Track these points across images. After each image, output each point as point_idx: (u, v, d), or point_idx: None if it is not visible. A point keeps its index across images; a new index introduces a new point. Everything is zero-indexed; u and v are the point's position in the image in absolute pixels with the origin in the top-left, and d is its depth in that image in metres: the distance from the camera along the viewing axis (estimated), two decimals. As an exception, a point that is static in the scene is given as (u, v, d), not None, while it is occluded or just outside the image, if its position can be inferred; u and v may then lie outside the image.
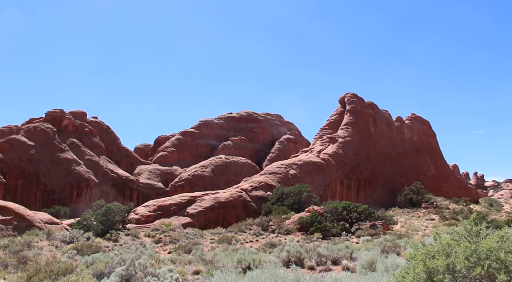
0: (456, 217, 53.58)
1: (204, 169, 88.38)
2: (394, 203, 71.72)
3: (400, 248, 16.87)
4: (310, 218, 34.82)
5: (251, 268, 13.64)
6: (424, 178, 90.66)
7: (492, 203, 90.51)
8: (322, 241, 28.26)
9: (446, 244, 5.89)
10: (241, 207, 49.41)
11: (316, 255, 15.37)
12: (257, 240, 29.80)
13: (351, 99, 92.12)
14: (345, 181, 73.34)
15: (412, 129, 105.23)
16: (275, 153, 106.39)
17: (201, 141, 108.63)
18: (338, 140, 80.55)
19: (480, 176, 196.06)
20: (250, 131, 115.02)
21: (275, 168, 62.94)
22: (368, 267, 10.89)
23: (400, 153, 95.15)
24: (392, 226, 43.15)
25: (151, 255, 17.66)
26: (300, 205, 46.80)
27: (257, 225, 36.02)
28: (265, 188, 54.71)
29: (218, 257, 16.96)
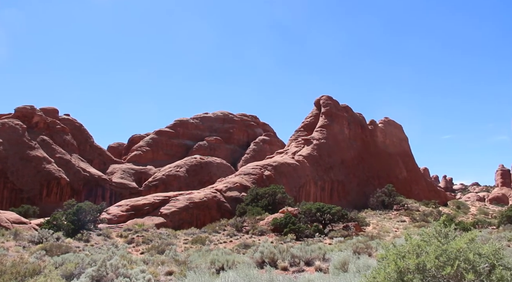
0: (426, 219, 54.88)
1: (179, 169, 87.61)
2: (367, 205, 72.87)
3: (371, 249, 17.13)
4: (284, 219, 34.96)
5: (225, 269, 13.60)
6: (396, 181, 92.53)
7: (459, 206, 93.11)
8: (296, 242, 28.42)
9: (417, 245, 6.02)
10: (216, 207, 49.22)
11: (289, 256, 15.43)
12: (231, 241, 29.73)
13: (326, 102, 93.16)
14: (319, 183, 74.05)
15: (385, 132, 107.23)
16: (250, 154, 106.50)
17: (176, 141, 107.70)
18: (313, 142, 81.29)
19: (449, 179, 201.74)
20: (225, 132, 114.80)
21: (250, 169, 62.97)
22: (340, 268, 11.01)
23: (373, 155, 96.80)
24: (364, 228, 43.81)
25: (123, 256, 17.35)
26: (274, 206, 46.96)
27: (231, 225, 35.94)
28: (240, 188, 54.67)
29: (191, 258, 16.82)
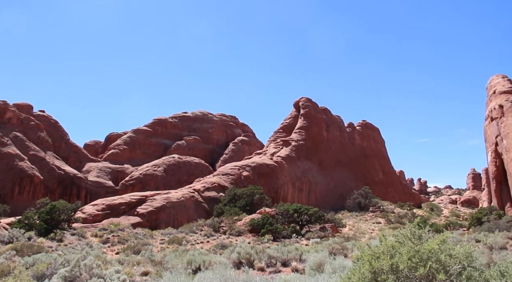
0: (400, 220, 55.91)
1: (157, 168, 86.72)
2: (344, 206, 73.67)
3: (347, 250, 17.35)
4: (262, 219, 35.02)
5: (201, 269, 13.54)
6: (373, 183, 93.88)
7: (433, 208, 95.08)
8: (273, 242, 28.52)
9: (391, 246, 6.14)
10: (193, 207, 48.92)
11: (266, 257, 15.48)
12: (208, 241, 29.61)
13: (305, 104, 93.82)
14: (297, 184, 74.49)
15: (362, 135, 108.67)
16: (229, 154, 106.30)
17: (154, 140, 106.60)
18: (291, 143, 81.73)
19: (423, 182, 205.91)
20: (204, 132, 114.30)
21: (229, 169, 62.88)
22: (316, 269, 11.11)
23: (350, 157, 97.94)
24: (340, 229, 44.29)
25: (97, 256, 17.07)
26: (252, 207, 47.01)
27: (209, 226, 35.78)
28: (218, 189, 54.51)
29: (167, 258, 16.67)
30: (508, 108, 67.51)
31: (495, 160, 68.99)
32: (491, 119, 71.85)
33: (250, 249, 16.31)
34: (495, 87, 76.63)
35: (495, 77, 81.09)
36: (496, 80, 78.83)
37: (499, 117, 68.33)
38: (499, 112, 68.78)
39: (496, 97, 73.26)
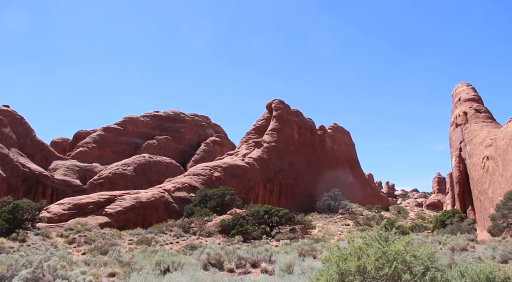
0: (369, 222, 56.99)
1: (126, 167, 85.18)
2: (314, 208, 74.50)
3: (316, 251, 17.56)
4: (232, 220, 34.99)
5: (170, 270, 13.42)
6: (342, 185, 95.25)
7: (400, 211, 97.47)
8: (243, 243, 28.53)
9: (358, 248, 6.28)
10: (163, 207, 48.34)
11: (236, 258, 15.48)
12: (178, 242, 29.34)
13: (278, 106, 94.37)
14: (268, 185, 74.79)
15: (333, 138, 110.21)
16: (200, 155, 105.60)
17: (125, 138, 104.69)
18: (263, 145, 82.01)
19: (391, 185, 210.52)
20: (176, 131, 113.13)
21: (200, 170, 62.49)
22: (286, 270, 11.21)
23: (321, 160, 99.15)
24: (310, 230, 44.75)
25: (62, 257, 16.65)
26: (223, 208, 46.88)
27: (179, 226, 35.45)
28: (189, 189, 54.08)
29: (136, 259, 16.41)
30: (472, 115, 69.97)
31: (459, 164, 71.32)
32: (456, 125, 74.27)
33: (220, 250, 16.28)
34: (460, 94, 79.29)
35: (460, 85, 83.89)
36: (461, 88, 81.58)
37: (463, 124, 70.71)
38: (463, 119, 71.18)
39: (461, 104, 75.79)
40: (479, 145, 60.60)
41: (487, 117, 69.27)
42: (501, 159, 47.72)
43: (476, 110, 71.27)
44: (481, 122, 67.82)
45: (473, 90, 79.55)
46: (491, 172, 51.83)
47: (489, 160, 53.35)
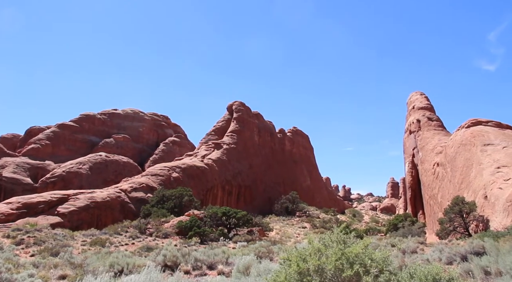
0: (325, 225, 58.12)
1: (81, 166, 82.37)
2: (272, 211, 75.11)
3: (273, 253, 17.73)
4: (190, 222, 34.70)
5: (125, 272, 13.14)
6: (300, 188, 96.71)
7: (355, 214, 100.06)
8: (200, 245, 28.36)
9: (317, 249, 6.43)
10: (119, 208, 47.14)
11: (192, 260, 15.37)
12: (133, 243, 28.74)
13: (239, 108, 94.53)
14: (226, 187, 74.65)
15: (292, 141, 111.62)
16: (159, 155, 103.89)
17: (81, 136, 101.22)
18: (223, 146, 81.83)
19: (347, 189, 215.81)
20: (134, 130, 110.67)
21: (158, 170, 61.45)
22: (243, 272, 11.24)
23: (280, 163, 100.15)
24: (268, 233, 45.08)
25: (8, 259, 15.88)
26: (180, 209, 46.36)
27: (135, 227, 34.73)
28: (146, 189, 53.06)
29: (88, 260, 15.93)
30: (425, 123, 73.01)
31: (412, 170, 74.16)
32: (410, 132, 77.25)
33: (176, 252, 16.10)
34: (414, 103, 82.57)
35: (414, 93, 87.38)
36: (415, 97, 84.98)
37: (416, 131, 73.65)
38: (416, 126, 74.14)
39: (415, 112, 78.92)
40: (431, 151, 63.29)
41: (439, 126, 72.48)
42: (450, 165, 50.04)
43: (428, 118, 74.41)
44: (433, 130, 70.85)
45: (426, 99, 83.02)
46: (440, 177, 54.21)
47: (439, 166, 55.80)
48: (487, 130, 46.74)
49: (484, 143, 43.76)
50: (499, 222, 30.18)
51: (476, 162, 42.09)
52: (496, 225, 30.19)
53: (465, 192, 41.39)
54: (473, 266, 11.24)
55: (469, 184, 41.39)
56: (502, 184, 33.40)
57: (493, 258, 11.41)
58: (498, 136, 44.45)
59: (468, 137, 47.40)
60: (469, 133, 47.88)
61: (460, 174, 45.37)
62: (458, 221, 35.66)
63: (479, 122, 50.89)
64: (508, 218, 28.95)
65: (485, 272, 10.74)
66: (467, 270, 11.20)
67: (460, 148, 48.00)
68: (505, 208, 30.32)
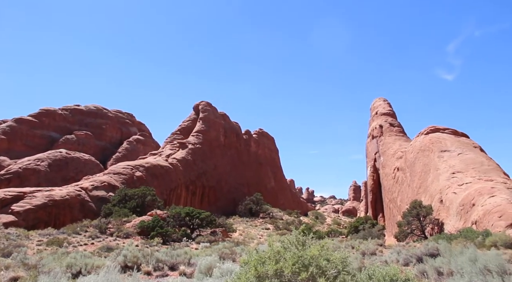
0: (288, 227, 58.65)
1: (40, 163, 79.42)
2: (236, 212, 75.12)
3: (236, 254, 17.76)
4: (152, 222, 34.19)
5: (83, 273, 12.82)
6: (265, 190, 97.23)
7: (318, 216, 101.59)
8: (162, 246, 27.99)
9: (277, 251, 6.50)
10: (79, 207, 45.76)
11: (154, 260, 15.18)
12: (93, 243, 28.00)
13: (205, 108, 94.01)
14: (190, 187, 74.01)
15: (258, 143, 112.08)
16: (122, 153, 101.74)
17: (40, 132, 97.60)
18: (188, 146, 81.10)
19: (311, 191, 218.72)
20: (97, 127, 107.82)
21: (121, 168, 60.15)
22: (205, 273, 11.22)
23: (245, 164, 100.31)
24: (231, 234, 45.05)
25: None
26: (143, 208, 45.59)
27: (95, 227, 33.85)
28: (108, 188, 51.81)
29: (44, 261, 15.39)
30: (387, 128, 75.12)
31: (373, 174, 76.13)
32: (372, 137, 79.26)
33: (137, 252, 15.85)
34: (377, 108, 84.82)
35: (377, 99, 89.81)
36: (379, 103, 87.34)
37: (379, 136, 75.66)
38: (379, 132, 76.18)
39: (377, 117, 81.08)
40: (391, 156, 65.17)
41: (400, 131, 74.75)
42: (409, 170, 51.72)
43: (390, 124, 76.58)
44: (394, 135, 72.98)
45: (388, 105, 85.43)
46: (400, 182, 55.92)
47: (399, 171, 57.54)
48: (444, 138, 48.67)
49: (441, 149, 45.54)
50: (453, 225, 31.49)
51: (433, 167, 43.72)
52: (450, 228, 31.48)
53: (422, 196, 42.90)
54: (427, 267, 11.70)
55: (426, 188, 42.92)
56: (456, 189, 34.87)
57: (446, 259, 11.92)
58: (454, 143, 46.38)
59: (427, 143, 49.16)
60: (428, 140, 49.68)
61: (418, 179, 46.97)
62: (416, 224, 36.92)
63: (437, 129, 52.94)
64: (461, 221, 30.25)
65: (438, 273, 11.20)
66: (422, 271, 11.64)
67: (419, 154, 49.71)
68: (458, 211, 31.67)
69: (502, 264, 9.69)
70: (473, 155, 42.24)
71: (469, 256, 11.04)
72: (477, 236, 20.55)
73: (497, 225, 23.36)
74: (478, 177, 35.34)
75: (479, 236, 20.36)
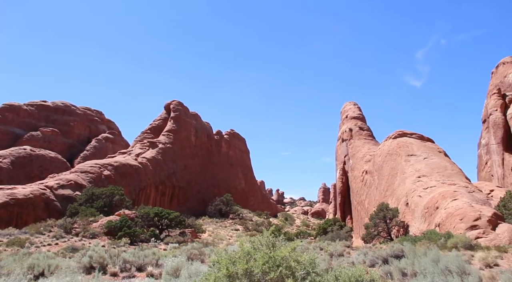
0: (257, 228, 58.86)
1: (1, 160, 76.58)
2: (205, 212, 74.71)
3: (205, 255, 17.66)
4: (120, 222, 33.60)
5: (45, 275, 12.45)
6: (235, 191, 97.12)
7: (287, 218, 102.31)
8: (130, 246, 27.54)
9: (247, 252, 6.53)
10: (43, 206, 44.38)
11: (121, 261, 14.88)
12: (57, 244, 27.25)
13: (177, 107, 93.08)
14: (160, 187, 73.10)
15: (229, 144, 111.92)
16: (90, 151, 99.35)
17: (3, 127, 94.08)
18: (158, 145, 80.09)
19: (281, 193, 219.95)
20: (65, 125, 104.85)
21: (88, 167, 58.76)
22: (172, 274, 11.10)
23: (216, 164, 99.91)
24: (200, 234, 44.80)
25: None
26: (111, 208, 44.70)
27: (59, 227, 32.93)
28: (74, 187, 50.50)
29: (3, 262, 14.84)
30: (356, 132, 76.51)
31: (342, 176, 77.33)
32: (342, 140, 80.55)
33: (104, 253, 15.51)
34: (347, 112, 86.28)
35: (348, 103, 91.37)
36: (349, 107, 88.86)
37: (348, 139, 76.96)
38: (349, 135, 77.49)
39: (348, 121, 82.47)
40: (360, 159, 66.39)
41: (369, 135, 76.26)
42: (377, 173, 52.84)
43: (360, 128, 78.01)
44: (363, 139, 74.38)
45: (358, 109, 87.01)
46: (368, 184, 57.04)
47: (367, 174, 58.70)
48: (411, 142, 50.02)
49: (408, 153, 46.77)
50: (417, 227, 32.39)
51: (400, 171, 44.84)
52: (415, 230, 32.37)
53: (389, 198, 43.91)
54: (392, 268, 12.00)
55: (393, 191, 43.97)
56: (421, 192, 35.90)
57: (410, 260, 12.25)
58: (420, 148, 47.74)
59: (395, 147, 50.38)
60: (396, 144, 50.92)
61: (386, 182, 48.06)
62: (382, 226, 37.75)
63: (405, 134, 54.34)
64: (425, 224, 31.16)
65: (402, 274, 11.51)
66: (387, 272, 11.92)
67: (387, 157, 50.87)
68: (422, 214, 32.61)
69: (461, 264, 10.07)
70: (437, 160, 43.61)
71: (432, 257, 11.40)
72: (440, 238, 21.22)
73: (458, 227, 24.21)
74: (442, 181, 36.51)
75: (441, 238, 21.03)
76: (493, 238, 21.60)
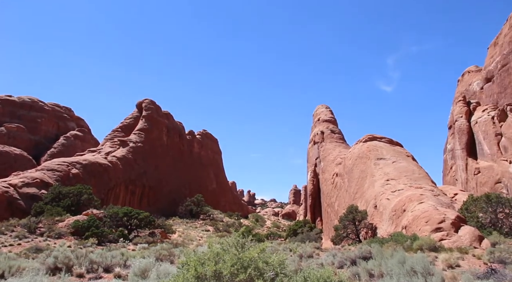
0: (228, 229, 58.74)
1: (-38, 156, 73.63)
2: (176, 213, 74.00)
3: (174, 256, 17.50)
4: (87, 222, 32.86)
5: (6, 277, 12.05)
6: (206, 191, 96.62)
7: (258, 219, 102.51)
8: (97, 247, 26.97)
9: (216, 253, 6.51)
10: (6, 205, 42.90)
11: (87, 262, 14.56)
12: (20, 244, 26.38)
13: (149, 106, 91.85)
14: (130, 187, 71.93)
15: (201, 144, 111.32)
16: (58, 148, 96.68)
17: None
18: (129, 144, 78.81)
19: (252, 194, 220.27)
20: (31, 121, 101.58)
21: (55, 165, 57.16)
22: (140, 275, 10.95)
23: (187, 165, 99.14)
24: (170, 235, 44.32)
25: None
26: (78, 207, 43.63)
27: (23, 226, 31.89)
28: (40, 185, 49.02)
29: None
30: (328, 135, 77.56)
31: (313, 179, 78.16)
32: (314, 143, 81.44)
33: (70, 253, 15.14)
34: (319, 115, 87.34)
35: (320, 106, 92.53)
36: (321, 110, 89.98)
37: (320, 142, 77.89)
38: (320, 138, 78.44)
39: (320, 124, 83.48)
40: (331, 162, 67.31)
41: (340, 138, 77.42)
42: (347, 176, 53.70)
43: (331, 131, 79.09)
44: (334, 142, 75.45)
45: (330, 112, 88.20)
46: (338, 187, 57.88)
47: (338, 177, 59.56)
48: (381, 146, 51.10)
49: (378, 157, 47.77)
50: (385, 229, 33.12)
51: (369, 174, 45.73)
52: (383, 232, 33.08)
53: (359, 201, 44.71)
54: (360, 269, 12.23)
55: (363, 194, 44.80)
56: (389, 195, 36.73)
57: (377, 262, 12.52)
58: (390, 152, 48.84)
59: (365, 151, 51.34)
60: (366, 148, 51.89)
61: (355, 184, 48.90)
62: (351, 228, 38.39)
63: (375, 138, 55.48)
64: (392, 226, 31.89)
65: (370, 275, 11.75)
66: (355, 273, 12.15)
67: (357, 160, 51.77)
68: (390, 217, 33.37)
69: (426, 265, 10.38)
70: (405, 164, 44.73)
71: (398, 259, 11.69)
72: (406, 240, 21.76)
73: (424, 229, 24.90)
74: (410, 184, 37.47)
75: (408, 240, 21.58)
76: (456, 240, 22.33)
